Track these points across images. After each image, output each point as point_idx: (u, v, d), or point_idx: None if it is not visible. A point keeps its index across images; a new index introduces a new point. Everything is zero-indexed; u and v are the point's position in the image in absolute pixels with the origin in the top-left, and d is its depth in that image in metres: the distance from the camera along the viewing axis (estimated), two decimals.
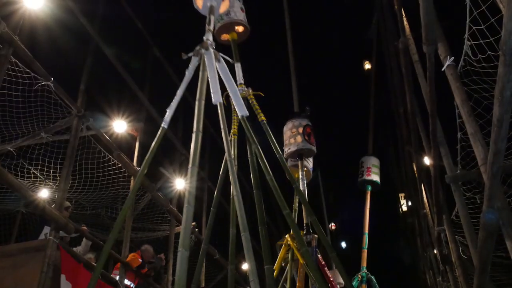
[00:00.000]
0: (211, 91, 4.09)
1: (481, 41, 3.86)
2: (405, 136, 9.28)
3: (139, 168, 8.37)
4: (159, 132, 4.33)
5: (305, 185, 6.52)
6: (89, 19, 7.96)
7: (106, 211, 9.23)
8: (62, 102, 7.12)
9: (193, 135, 3.74)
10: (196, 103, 3.93)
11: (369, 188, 10.01)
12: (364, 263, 9.55)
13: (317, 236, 5.72)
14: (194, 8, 4.88)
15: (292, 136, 6.51)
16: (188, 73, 4.46)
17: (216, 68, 4.33)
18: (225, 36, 5.84)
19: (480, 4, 3.55)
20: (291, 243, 5.70)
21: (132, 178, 8.27)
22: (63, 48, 8.18)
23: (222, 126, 4.00)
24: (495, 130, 3.14)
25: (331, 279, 6.20)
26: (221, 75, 4.38)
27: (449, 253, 6.95)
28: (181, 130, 10.61)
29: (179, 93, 4.46)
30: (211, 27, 4.59)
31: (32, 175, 7.89)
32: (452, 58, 4.69)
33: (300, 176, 6.52)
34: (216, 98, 4.08)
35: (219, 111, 4.07)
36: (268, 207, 4.87)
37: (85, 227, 7.58)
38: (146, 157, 4.30)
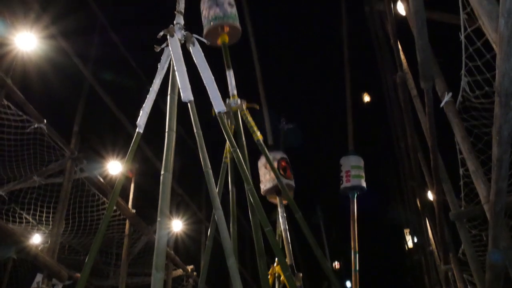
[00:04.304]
0: (179, 86, 3.49)
1: (478, 77, 3.76)
2: (407, 171, 9.12)
3: (134, 211, 8.25)
4: (134, 137, 3.86)
5: (286, 223, 6.08)
6: (82, 60, 7.92)
7: (101, 256, 9.01)
8: (55, 144, 7.03)
9: (166, 135, 3.30)
10: (168, 98, 3.50)
11: (354, 195, 8.23)
12: None
13: (301, 275, 5.35)
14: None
15: (267, 172, 6.02)
16: (160, 67, 3.92)
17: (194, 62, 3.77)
18: (218, 41, 4.99)
19: (475, 40, 3.46)
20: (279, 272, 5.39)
21: (127, 221, 8.13)
22: (56, 89, 8.13)
23: (195, 131, 3.40)
24: (495, 170, 3.11)
25: None
26: (195, 61, 3.82)
27: None
28: (177, 170, 10.47)
29: (152, 91, 3.90)
30: (181, 8, 4.00)
31: (24, 220, 7.73)
32: (450, 94, 4.64)
33: (280, 214, 5.98)
34: (185, 95, 3.46)
35: (190, 111, 3.45)
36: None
37: (79, 275, 7.38)
38: (125, 160, 3.95)
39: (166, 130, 3.31)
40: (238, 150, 3.88)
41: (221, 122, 3.78)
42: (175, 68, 3.57)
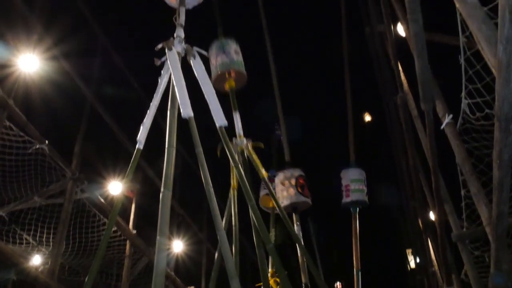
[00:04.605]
0: (179, 101, 3.36)
1: (478, 99, 3.77)
2: (409, 191, 9.08)
3: (134, 231, 8.23)
4: (134, 153, 3.70)
5: (302, 241, 6.10)
6: (84, 80, 7.95)
7: (101, 276, 8.96)
8: (56, 165, 7.04)
9: (166, 151, 3.17)
10: (168, 113, 3.35)
11: (355, 210, 7.67)
12: None
13: None
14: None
15: (284, 189, 6.00)
16: (160, 81, 3.77)
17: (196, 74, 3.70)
18: (225, 86, 5.11)
19: (475, 63, 3.48)
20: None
21: (128, 241, 8.10)
22: (58, 110, 8.15)
23: (195, 149, 3.28)
24: (497, 193, 3.11)
25: None
26: (196, 74, 3.73)
27: None
28: (178, 192, 10.45)
29: (152, 106, 3.78)
30: (182, 21, 3.92)
31: (24, 241, 7.70)
32: (451, 116, 4.64)
33: (296, 231, 6.12)
34: (185, 111, 3.33)
35: (190, 128, 3.33)
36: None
37: None
38: (125, 177, 3.78)
39: (166, 146, 3.20)
40: (240, 167, 3.84)
41: (222, 137, 3.71)
42: (174, 83, 3.47)
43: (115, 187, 8.43)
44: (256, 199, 4.69)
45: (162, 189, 3.07)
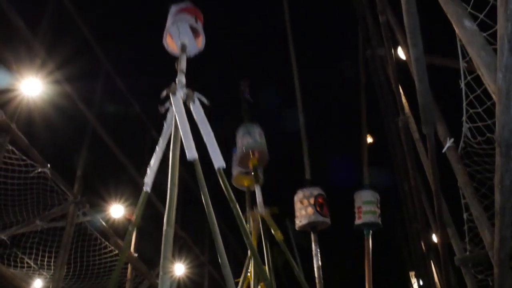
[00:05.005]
0: (184, 145, 3.48)
1: (479, 124, 3.77)
2: (412, 213, 9.05)
3: (136, 255, 8.19)
4: (141, 197, 3.80)
5: (319, 261, 6.21)
6: (86, 104, 7.97)
7: None
8: (58, 188, 7.05)
9: (168, 190, 3.20)
10: (171, 154, 3.45)
11: (368, 232, 7.92)
12: None
13: None
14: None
15: (303, 207, 6.16)
16: (166, 126, 3.90)
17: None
18: (249, 164, 5.75)
19: (475, 88, 3.50)
20: None
21: (129, 265, 8.06)
22: (60, 133, 8.16)
23: (200, 189, 3.34)
24: (499, 218, 3.12)
25: None
26: (195, 118, 3.83)
27: None
28: (180, 214, 10.42)
29: (159, 150, 3.89)
30: (183, 67, 4.07)
31: (26, 265, 7.66)
32: (452, 139, 4.65)
33: (314, 252, 6.23)
34: (190, 154, 3.44)
35: (195, 169, 3.42)
36: None
37: None
38: (133, 222, 3.88)
39: (169, 185, 3.23)
40: (238, 207, 3.90)
41: (220, 178, 3.74)
42: (178, 126, 3.57)
43: (117, 210, 8.43)
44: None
45: (165, 227, 3.08)
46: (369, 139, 11.87)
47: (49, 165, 6.78)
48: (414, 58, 3.72)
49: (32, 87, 6.82)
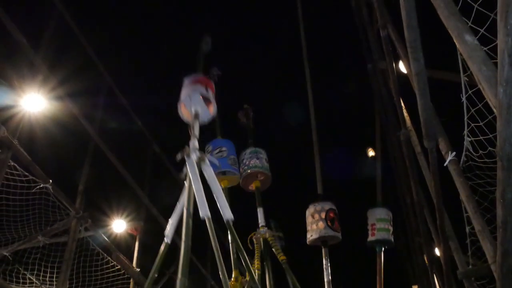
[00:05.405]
0: (198, 203, 3.69)
1: (480, 137, 3.78)
2: (414, 227, 9.01)
3: (138, 269, 8.16)
4: (162, 248, 3.98)
5: (329, 275, 6.16)
6: (88, 120, 7.97)
7: None
8: (60, 204, 7.05)
9: (182, 244, 3.27)
10: (184, 211, 3.61)
11: (380, 249, 7.93)
12: None
13: None
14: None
15: (314, 222, 6.07)
16: (186, 184, 4.12)
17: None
18: (251, 186, 5.96)
19: (476, 102, 3.51)
20: None
21: (131, 279, 8.03)
22: (62, 149, 8.19)
23: (214, 247, 3.47)
24: (501, 232, 3.12)
25: None
26: (206, 177, 4.05)
27: None
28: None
29: (179, 205, 4.08)
30: (196, 133, 4.32)
31: (28, 281, 7.65)
32: (454, 153, 4.64)
33: (324, 266, 6.01)
34: (203, 211, 3.63)
35: (208, 227, 3.59)
36: None
37: None
38: (150, 275, 3.92)
39: (183, 238, 3.33)
40: (253, 273, 4.07)
41: (229, 229, 3.98)
42: (192, 186, 3.78)
43: (119, 225, 8.42)
44: None
45: (179, 276, 3.11)
46: (371, 153, 11.87)
47: (51, 181, 6.78)
48: (415, 72, 3.72)
49: (34, 103, 6.85)
